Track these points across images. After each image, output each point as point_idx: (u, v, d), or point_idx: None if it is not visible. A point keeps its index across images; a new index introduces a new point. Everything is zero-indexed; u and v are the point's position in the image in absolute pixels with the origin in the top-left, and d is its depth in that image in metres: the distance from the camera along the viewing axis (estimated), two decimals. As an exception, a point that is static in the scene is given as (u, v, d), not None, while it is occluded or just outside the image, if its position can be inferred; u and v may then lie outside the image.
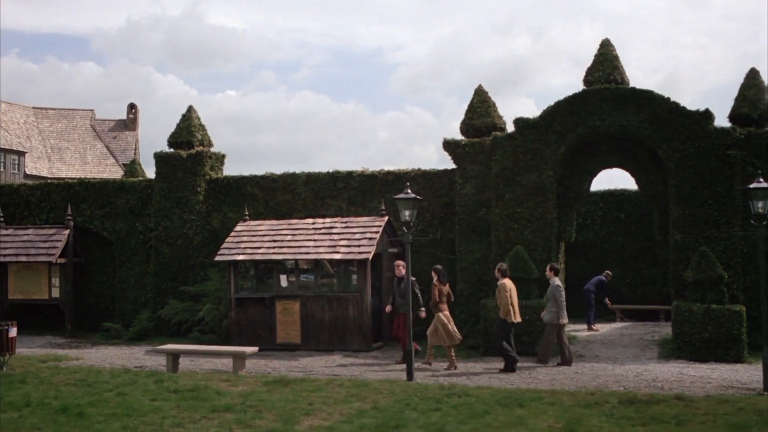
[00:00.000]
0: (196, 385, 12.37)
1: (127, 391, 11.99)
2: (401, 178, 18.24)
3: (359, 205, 18.41)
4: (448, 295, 14.97)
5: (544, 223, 16.48)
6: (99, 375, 13.53)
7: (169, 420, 10.29)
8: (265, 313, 16.94)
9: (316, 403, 11.14)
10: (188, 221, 19.22)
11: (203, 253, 19.21)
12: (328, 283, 16.90)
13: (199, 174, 19.31)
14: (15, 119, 61.90)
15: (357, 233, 16.87)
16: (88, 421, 10.34)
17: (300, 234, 17.29)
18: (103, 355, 16.87)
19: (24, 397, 11.78)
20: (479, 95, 17.85)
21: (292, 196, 18.94)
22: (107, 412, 10.76)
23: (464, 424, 9.79)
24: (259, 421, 10.17)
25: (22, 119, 63.06)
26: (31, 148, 61.31)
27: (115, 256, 20.29)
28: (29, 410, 11.00)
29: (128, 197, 20.15)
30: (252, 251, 17.07)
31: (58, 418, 10.50)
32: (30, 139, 62.01)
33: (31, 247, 19.70)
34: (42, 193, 20.97)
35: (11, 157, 58.52)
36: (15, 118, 61.98)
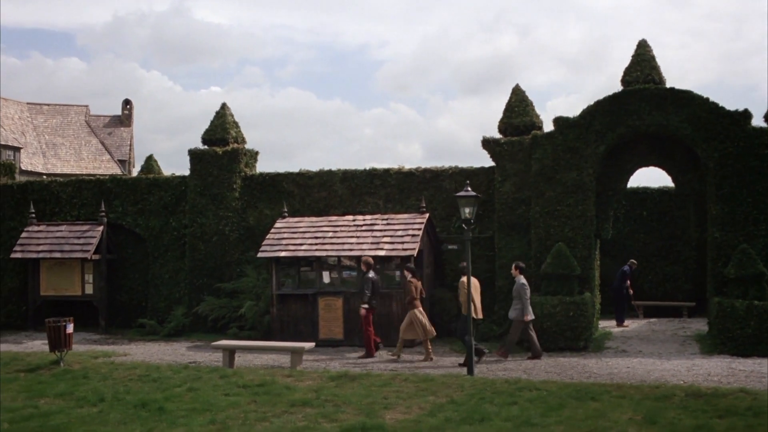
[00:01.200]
0: (263, 380, 12.49)
1: (197, 387, 12.09)
2: (439, 175, 18.46)
3: (396, 202, 18.58)
4: (420, 292, 15.50)
5: (583, 220, 16.76)
6: (159, 371, 13.60)
7: (252, 414, 10.43)
8: (307, 310, 17.07)
9: (391, 397, 11.31)
10: (224, 218, 19.29)
11: (239, 250, 19.30)
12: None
13: (235, 171, 19.39)
14: (9, 115, 61.34)
15: (399, 230, 17.05)
16: (170, 415, 10.45)
17: (341, 231, 17.44)
18: (147, 351, 16.92)
19: (95, 392, 11.86)
20: (517, 94, 18.08)
21: (329, 192, 19.07)
22: (186, 407, 10.87)
23: (547, 417, 10.00)
24: (343, 415, 10.32)
25: (17, 115, 62.50)
26: (26, 144, 60.80)
27: (148, 253, 20.31)
28: (106, 405, 11.09)
29: (162, 194, 20.18)
30: (294, 248, 17.19)
31: (139, 413, 10.60)
32: (25, 135, 61.50)
33: (65, 244, 19.68)
34: (73, 190, 20.94)
35: (6, 153, 58.00)
36: (9, 114, 61.42)
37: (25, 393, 11.97)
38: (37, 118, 64.11)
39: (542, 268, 16.38)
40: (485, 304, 17.71)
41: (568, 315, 15.80)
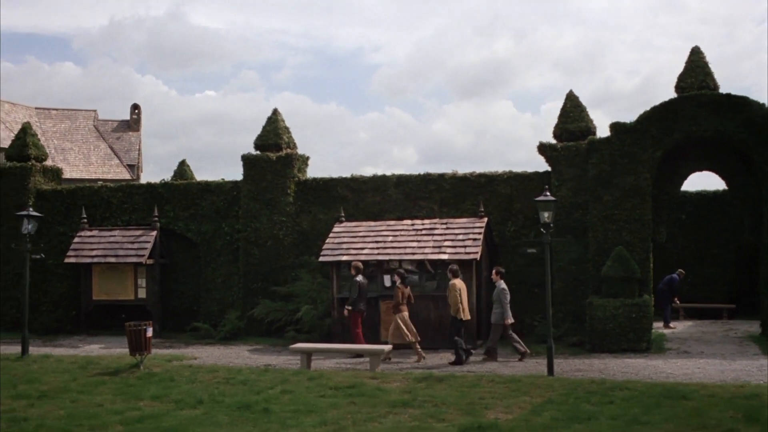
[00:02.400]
0: (352, 382, 12.70)
1: (290, 389, 12.29)
2: (493, 180, 18.74)
3: (451, 206, 18.83)
4: (408, 297, 16.00)
5: (641, 224, 17.06)
6: (241, 373, 13.78)
7: (357, 415, 10.61)
8: (368, 313, 17.25)
9: (486, 397, 11.54)
10: (278, 222, 19.50)
11: (293, 254, 19.50)
12: (432, 283, 17.29)
13: (289, 176, 19.61)
14: (18, 120, 61.20)
15: (460, 234, 17.31)
16: (277, 416, 10.63)
17: (401, 235, 17.68)
18: (212, 354, 17.08)
19: (189, 394, 12.03)
20: (571, 100, 18.39)
21: (383, 197, 19.31)
22: (288, 408, 11.05)
23: (650, 415, 10.25)
24: (448, 415, 10.53)
25: (25, 120, 62.37)
26: (35, 149, 60.74)
27: (200, 257, 20.49)
28: (206, 407, 11.25)
29: (214, 199, 20.37)
30: (356, 252, 17.41)
31: (245, 415, 10.78)
32: (33, 140, 61.54)
33: (119, 249, 19.84)
34: (123, 195, 21.09)
35: (16, 158, 57.89)
36: (18, 119, 61.29)
37: (120, 395, 12.14)
38: (45, 123, 64.03)
39: (603, 271, 16.65)
40: (540, 307, 18.02)
41: (631, 317, 16.09)
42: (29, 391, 12.52)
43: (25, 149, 21.78)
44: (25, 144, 21.88)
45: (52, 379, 13.59)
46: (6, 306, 21.34)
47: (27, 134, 22.14)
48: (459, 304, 15.08)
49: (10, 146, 22.25)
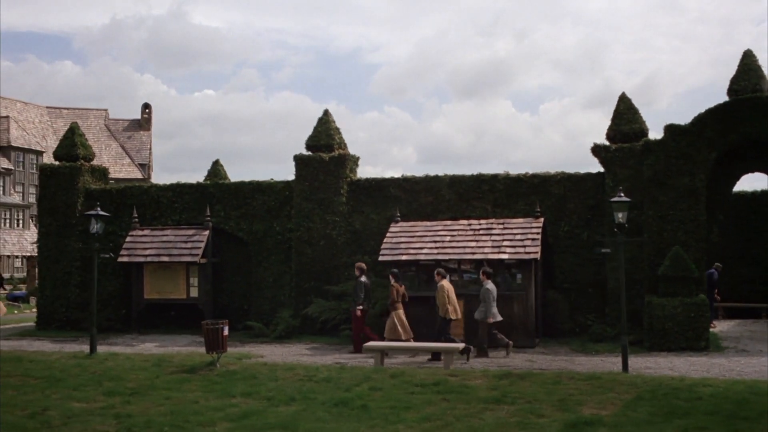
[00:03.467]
0: (436, 379, 12.92)
1: (378, 386, 12.49)
2: (546, 181, 18.98)
3: (504, 206, 19.06)
4: (403, 295, 16.55)
5: (696, 224, 17.33)
6: (319, 371, 13.97)
7: (456, 411, 10.81)
8: (427, 311, 17.46)
9: (575, 394, 11.76)
10: (331, 222, 19.70)
11: (346, 253, 19.71)
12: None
13: (341, 176, 19.82)
14: (30, 119, 61.36)
15: (518, 234, 17.55)
16: (376, 413, 10.82)
17: (459, 235, 17.91)
18: (274, 352, 17.22)
19: (279, 392, 12.22)
20: (624, 102, 18.65)
21: (436, 197, 19.53)
22: (385, 405, 11.24)
23: (746, 411, 10.50)
24: (545, 411, 10.77)
25: (37, 119, 62.53)
26: (48, 148, 60.78)
27: (251, 257, 20.67)
28: (301, 404, 11.43)
29: (265, 198, 20.56)
30: (415, 252, 17.64)
31: (343, 411, 10.96)
32: (46, 139, 61.53)
33: (173, 248, 20.01)
34: (173, 194, 21.27)
35: (30, 157, 58.06)
36: (30, 118, 61.44)
37: (210, 393, 12.31)
38: (56, 122, 64.11)
39: (660, 270, 16.91)
40: (593, 306, 18.31)
41: (690, 316, 16.36)
42: (118, 388, 12.69)
43: (73, 149, 21.93)
44: (73, 144, 22.03)
45: (133, 376, 13.77)
46: (56, 304, 21.52)
47: (75, 134, 22.29)
48: (447, 305, 15.60)
49: (59, 146, 22.40)
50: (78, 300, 21.41)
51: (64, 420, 10.66)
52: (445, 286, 15.79)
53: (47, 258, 21.68)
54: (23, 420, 10.74)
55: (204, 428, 10.22)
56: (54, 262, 21.53)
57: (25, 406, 11.55)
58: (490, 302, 15.94)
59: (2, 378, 13.85)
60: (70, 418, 10.82)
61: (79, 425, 10.37)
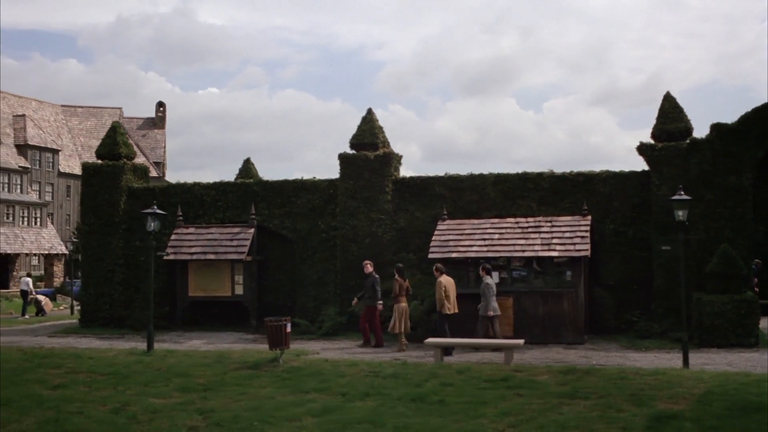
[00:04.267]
0: (503, 375, 13.08)
1: (448, 382, 12.66)
2: (591, 179, 19.16)
3: (549, 204, 19.23)
4: (406, 289, 17.23)
5: (743, 222, 17.52)
6: (382, 367, 14.14)
7: (534, 406, 10.96)
8: (476, 308, 17.64)
9: (646, 389, 11.91)
10: (376, 220, 19.88)
11: (391, 251, 19.88)
12: (540, 280, 17.70)
13: (386, 174, 20.00)
14: (45, 117, 61.49)
15: (567, 232, 17.72)
16: (455, 407, 10.99)
17: (507, 232, 18.09)
18: (325, 348, 17.42)
19: (351, 387, 12.36)
20: (669, 101, 18.82)
21: (480, 196, 19.71)
22: (462, 400, 11.38)
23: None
24: (622, 405, 10.93)
25: (52, 117, 62.66)
26: (63, 146, 60.94)
27: (295, 254, 20.85)
28: (377, 399, 11.57)
29: (309, 197, 20.74)
30: (465, 249, 17.82)
31: (422, 407, 11.10)
32: (61, 137, 61.67)
33: (218, 246, 20.19)
34: (217, 193, 21.45)
35: (46, 155, 58.20)
36: (45, 116, 61.57)
37: (283, 389, 12.44)
38: (71, 120, 64.24)
39: (708, 268, 17.08)
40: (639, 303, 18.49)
41: (739, 313, 16.54)
42: (189, 384, 12.85)
43: (116, 148, 22.11)
44: (115, 143, 22.21)
45: (200, 372, 13.92)
46: (99, 302, 21.69)
47: (117, 133, 22.48)
48: (444, 300, 16.01)
49: (101, 145, 22.58)
50: (121, 298, 21.60)
51: (149, 415, 10.81)
52: (443, 282, 16.30)
53: (90, 256, 21.86)
54: (109, 416, 10.90)
55: (290, 423, 10.36)
56: (97, 260, 21.71)
57: (103, 402, 11.71)
58: (490, 297, 16.40)
59: (70, 374, 14.05)
60: (154, 413, 10.96)
61: (166, 420, 10.52)
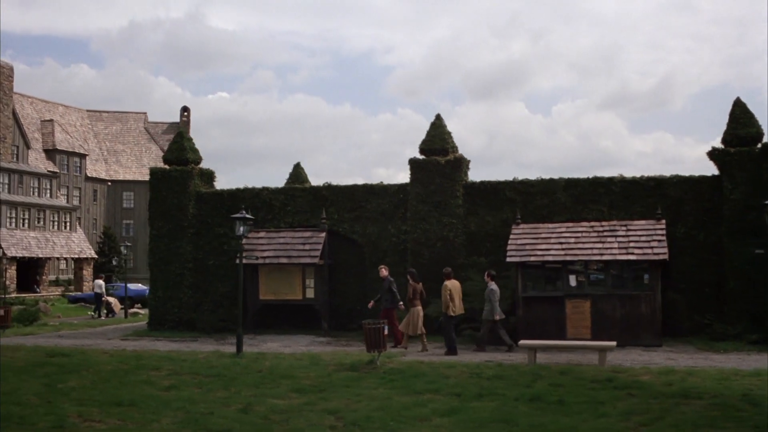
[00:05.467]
0: (607, 376, 13.36)
1: (556, 383, 12.93)
2: (662, 183, 19.43)
3: (620, 209, 19.50)
4: (421, 293, 17.74)
5: (818, 226, 17.74)
6: (480, 368, 14.41)
7: (651, 405, 11.20)
8: (554, 311, 17.96)
9: (754, 389, 12.18)
10: (447, 224, 20.16)
11: (462, 255, 20.15)
12: (617, 283, 17.97)
13: (457, 179, 20.28)
14: (72, 122, 61.90)
15: (643, 236, 18.00)
16: (577, 407, 11.24)
17: (583, 236, 18.37)
18: (410, 351, 17.68)
19: (461, 388, 12.61)
20: (740, 106, 19.09)
21: (551, 200, 19.98)
22: (579, 400, 11.65)
23: None
24: (740, 405, 11.18)
25: (78, 122, 63.08)
26: (89, 151, 61.31)
27: (365, 258, 21.12)
28: (493, 400, 11.81)
29: (379, 201, 21.03)
30: (542, 253, 18.10)
31: (543, 406, 11.34)
32: (87, 142, 62.06)
33: (291, 250, 20.48)
34: (286, 197, 21.75)
35: (74, 160, 58.58)
36: (72, 121, 61.98)
37: (395, 390, 12.67)
38: (97, 125, 64.66)
39: (788, 271, 17.34)
40: (712, 306, 18.74)
41: (819, 316, 16.79)
42: (299, 385, 13.09)
43: (183, 153, 22.42)
44: (183, 148, 22.53)
45: (303, 374, 14.19)
46: (168, 305, 21.98)
47: (184, 138, 22.81)
48: (449, 302, 16.72)
49: (168, 151, 22.90)
50: (190, 301, 21.90)
51: (280, 415, 11.02)
52: (449, 286, 16.96)
53: (159, 260, 22.16)
54: (240, 416, 11.15)
55: (422, 422, 10.62)
56: (166, 264, 22.01)
57: (225, 402, 11.96)
58: (495, 302, 17.12)
59: (174, 376, 14.32)
60: (283, 413, 11.21)
61: (302, 420, 10.74)
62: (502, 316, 17.26)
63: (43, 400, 12.23)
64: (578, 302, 17.89)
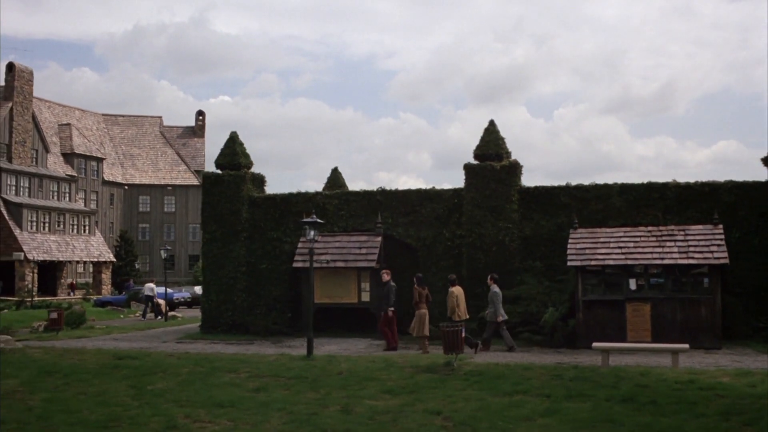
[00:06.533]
0: (688, 378, 13.61)
1: (642, 383, 13.17)
2: (716, 189, 19.73)
3: (675, 214, 19.78)
4: (426, 297, 18.21)
5: None
6: (558, 371, 14.61)
7: (744, 407, 11.50)
8: (614, 314, 18.21)
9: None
10: (503, 229, 20.42)
11: (518, 259, 20.41)
12: (677, 287, 18.24)
13: (512, 184, 20.55)
14: (88, 126, 62.04)
15: (702, 240, 18.27)
16: (669, 408, 11.43)
17: (642, 241, 18.63)
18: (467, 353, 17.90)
19: (550, 389, 12.81)
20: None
21: (605, 205, 20.26)
22: (669, 400, 11.86)
23: None
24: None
25: (94, 126, 63.23)
26: (106, 155, 61.45)
27: (419, 262, 21.36)
28: (586, 401, 12.00)
29: (434, 206, 21.29)
30: (603, 257, 18.37)
31: (637, 407, 11.51)
32: (103, 146, 62.19)
33: (348, 254, 20.72)
34: (340, 202, 21.99)
35: (91, 164, 58.75)
36: (88, 125, 62.12)
37: (484, 390, 12.91)
38: (112, 129, 64.81)
39: None
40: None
41: None
42: (386, 387, 13.28)
43: (236, 158, 22.65)
44: (235, 153, 22.75)
45: (385, 376, 14.38)
46: (221, 309, 22.19)
47: (235, 143, 23.01)
48: (455, 308, 17.46)
49: (220, 155, 23.10)
50: (244, 304, 22.11)
51: (386, 416, 11.21)
52: (455, 292, 17.65)
53: (212, 263, 22.38)
54: (342, 415, 11.36)
55: (527, 422, 10.84)
56: (219, 268, 22.22)
57: (321, 403, 12.17)
58: (498, 304, 17.93)
59: (255, 378, 14.51)
60: (386, 414, 11.43)
61: (409, 421, 10.95)
62: (505, 317, 17.99)
63: (141, 402, 12.46)
64: (638, 306, 18.14)
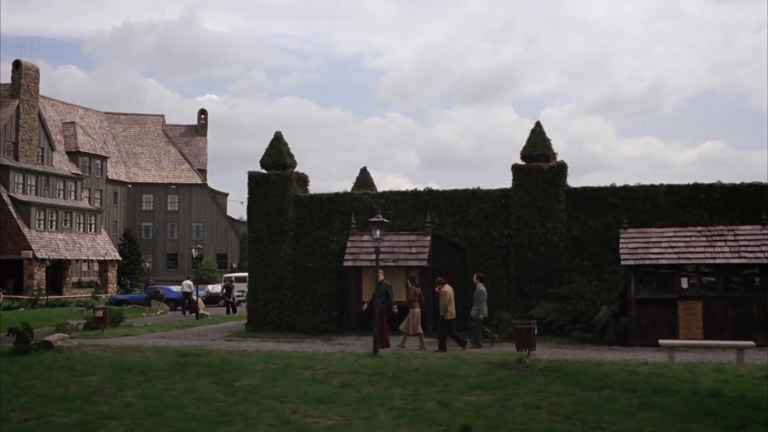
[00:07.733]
0: (764, 373, 14.06)
1: (723, 379, 13.55)
2: (763, 189, 20.19)
3: (721, 214, 20.22)
4: (419, 296, 18.95)
5: None
6: (630, 366, 15.01)
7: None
8: (666, 313, 18.65)
9: None
10: (551, 228, 20.79)
11: (566, 258, 20.79)
12: (728, 285, 18.70)
13: (560, 185, 20.93)
14: (91, 124, 61.78)
15: (751, 240, 18.75)
16: (755, 402, 11.85)
17: (693, 241, 19.08)
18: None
19: (630, 384, 13.15)
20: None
21: (652, 205, 20.68)
22: (754, 395, 12.29)
23: None
24: None
25: (97, 124, 63.01)
26: (109, 153, 61.25)
27: (467, 261, 21.68)
28: (673, 396, 12.43)
29: (482, 206, 21.61)
30: (656, 256, 18.79)
31: (725, 401, 11.96)
32: (107, 145, 61.97)
33: (398, 253, 20.98)
34: (386, 201, 22.25)
35: (95, 162, 58.57)
36: (91, 124, 61.87)
37: (568, 386, 13.25)
38: (115, 127, 64.61)
39: None
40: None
41: None
42: (470, 383, 13.56)
43: (281, 157, 22.84)
44: (280, 152, 22.94)
45: (462, 372, 14.63)
46: (268, 307, 22.39)
47: (280, 143, 23.21)
48: (448, 307, 18.10)
49: (265, 155, 23.28)
50: (291, 303, 22.31)
51: (491, 410, 11.48)
52: (448, 292, 18.28)
53: (258, 262, 22.56)
54: (442, 409, 11.65)
55: (628, 416, 11.21)
56: (265, 266, 22.41)
57: (414, 398, 12.44)
58: (482, 302, 18.70)
59: (334, 375, 14.72)
60: (485, 408, 11.74)
61: (514, 414, 11.27)
62: (485, 315, 18.83)
63: (236, 398, 12.65)
64: (690, 304, 18.57)
